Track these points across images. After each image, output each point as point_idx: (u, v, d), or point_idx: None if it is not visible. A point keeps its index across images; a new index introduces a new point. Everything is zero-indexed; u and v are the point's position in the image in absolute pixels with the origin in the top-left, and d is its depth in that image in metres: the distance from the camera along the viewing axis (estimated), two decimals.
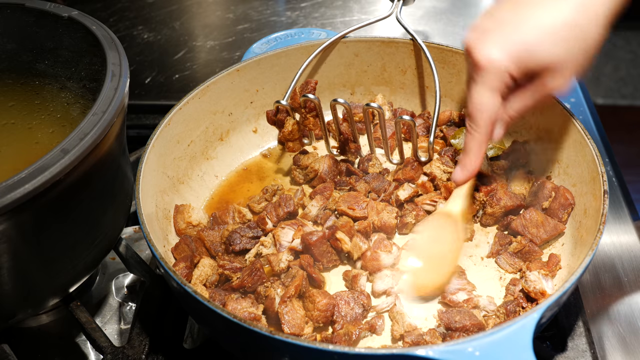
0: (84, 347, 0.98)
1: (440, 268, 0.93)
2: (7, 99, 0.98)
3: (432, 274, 0.94)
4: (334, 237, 0.96)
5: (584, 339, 0.93)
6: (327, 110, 1.15)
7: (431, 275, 0.93)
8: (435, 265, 0.94)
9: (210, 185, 1.14)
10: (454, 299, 0.91)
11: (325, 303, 0.87)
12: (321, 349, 0.70)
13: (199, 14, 1.79)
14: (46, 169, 0.68)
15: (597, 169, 0.92)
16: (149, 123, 1.39)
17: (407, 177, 1.07)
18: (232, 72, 1.15)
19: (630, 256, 1.06)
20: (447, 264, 0.94)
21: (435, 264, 0.94)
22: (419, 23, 1.69)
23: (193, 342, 0.95)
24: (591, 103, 1.38)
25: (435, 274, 0.93)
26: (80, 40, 0.93)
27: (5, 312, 0.81)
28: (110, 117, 0.76)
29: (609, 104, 3.42)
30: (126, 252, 1.04)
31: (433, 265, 0.94)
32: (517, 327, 0.69)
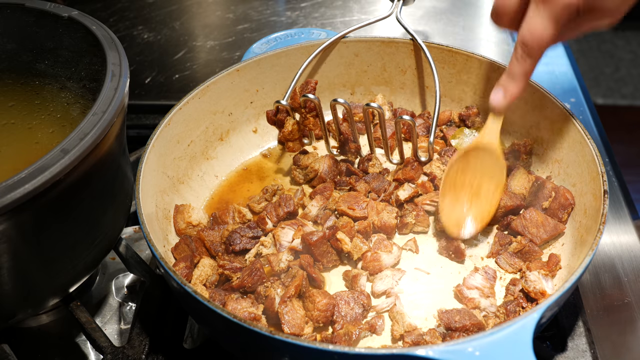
0: (84, 347, 0.98)
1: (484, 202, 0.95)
2: (7, 99, 0.98)
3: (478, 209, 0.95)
4: (334, 238, 0.96)
5: (584, 339, 0.93)
6: (327, 110, 1.15)
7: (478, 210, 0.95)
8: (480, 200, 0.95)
9: (210, 185, 1.14)
10: (466, 293, 0.91)
11: (325, 303, 0.87)
12: (321, 349, 0.70)
13: (199, 14, 1.79)
14: (46, 169, 0.68)
15: (597, 169, 0.92)
16: (149, 123, 1.39)
17: (407, 177, 1.07)
18: (232, 72, 1.15)
19: (630, 256, 1.06)
20: (492, 198, 0.95)
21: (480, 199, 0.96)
22: (419, 23, 1.69)
23: (193, 342, 0.95)
24: (591, 103, 1.38)
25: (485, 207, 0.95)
26: (80, 40, 0.93)
27: (5, 312, 0.81)
28: (110, 117, 0.76)
29: (609, 104, 3.42)
30: (126, 252, 1.04)
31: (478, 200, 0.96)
32: (517, 327, 0.69)
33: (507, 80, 0.88)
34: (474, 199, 0.96)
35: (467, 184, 0.97)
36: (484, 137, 0.96)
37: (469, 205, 0.97)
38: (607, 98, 3.45)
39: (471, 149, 0.97)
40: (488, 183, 0.96)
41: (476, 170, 0.96)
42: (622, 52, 3.77)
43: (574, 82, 1.44)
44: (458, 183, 0.97)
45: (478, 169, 0.96)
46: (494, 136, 0.95)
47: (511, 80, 0.88)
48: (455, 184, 0.97)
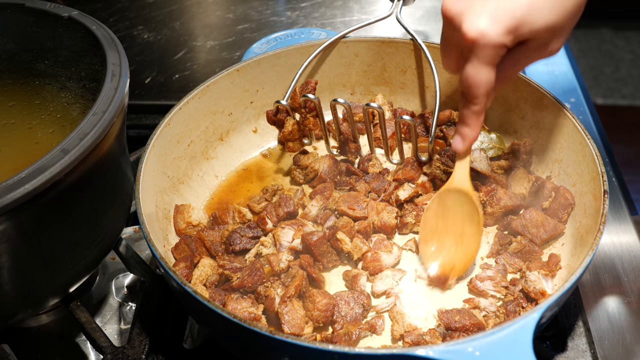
0: (84, 347, 0.98)
1: (466, 247, 0.93)
2: (7, 99, 0.98)
3: (459, 255, 0.94)
4: (335, 238, 0.96)
5: (584, 339, 0.93)
6: (327, 110, 1.15)
7: (459, 257, 0.93)
8: (461, 246, 0.94)
9: (210, 185, 1.14)
10: (479, 285, 0.91)
11: (325, 303, 0.87)
12: (321, 349, 0.70)
13: (199, 14, 1.79)
14: (46, 169, 0.68)
15: (597, 169, 0.92)
16: (149, 123, 1.39)
17: (407, 177, 1.07)
18: (232, 72, 1.15)
19: (630, 256, 1.06)
20: (472, 241, 0.93)
21: (461, 244, 0.94)
22: (419, 23, 1.69)
23: (193, 342, 0.95)
24: (591, 103, 1.38)
25: (463, 254, 0.93)
26: (80, 40, 0.93)
27: (5, 312, 0.81)
28: (110, 117, 0.76)
29: (609, 104, 3.42)
30: (126, 252, 1.04)
31: (459, 246, 0.94)
32: (517, 327, 0.69)
33: (461, 126, 0.89)
34: (456, 244, 0.94)
35: (448, 229, 0.95)
36: (453, 179, 0.94)
37: (452, 251, 0.94)
38: (607, 98, 3.45)
39: (443, 193, 0.95)
40: (468, 225, 0.93)
41: (453, 213, 0.95)
42: (622, 52, 3.76)
43: (574, 82, 1.44)
44: (438, 229, 0.95)
45: (454, 212, 0.94)
46: (464, 177, 0.93)
47: (465, 126, 0.88)
48: (435, 230, 0.96)
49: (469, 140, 0.90)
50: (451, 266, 0.93)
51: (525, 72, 1.39)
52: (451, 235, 0.95)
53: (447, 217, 0.95)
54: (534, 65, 1.46)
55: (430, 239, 0.96)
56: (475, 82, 0.82)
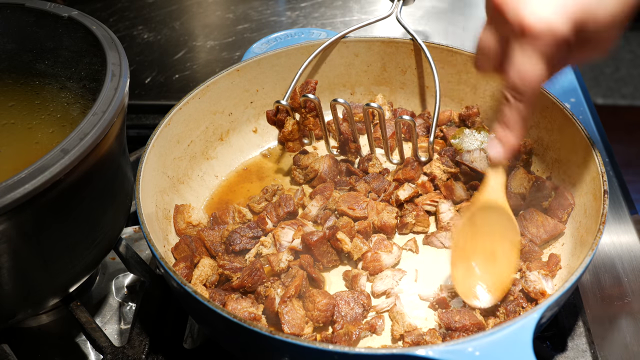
0: (84, 347, 0.98)
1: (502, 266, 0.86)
2: (7, 99, 0.98)
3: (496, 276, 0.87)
4: (335, 238, 0.96)
5: (584, 339, 0.93)
6: (327, 110, 1.15)
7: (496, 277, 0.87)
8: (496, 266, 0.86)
9: (210, 185, 1.14)
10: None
11: (325, 303, 0.87)
12: (321, 349, 0.70)
13: (199, 14, 1.79)
14: (46, 169, 0.68)
15: (597, 169, 0.92)
16: (149, 123, 1.39)
17: (407, 177, 1.07)
18: (232, 72, 1.15)
19: (630, 256, 1.06)
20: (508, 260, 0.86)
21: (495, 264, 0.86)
22: (419, 23, 1.69)
23: (193, 342, 0.95)
24: (591, 103, 1.38)
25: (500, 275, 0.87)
26: (80, 40, 0.93)
27: (5, 312, 0.81)
28: (110, 117, 0.76)
29: (609, 104, 3.42)
30: (126, 252, 1.04)
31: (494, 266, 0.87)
32: (517, 327, 0.69)
33: (502, 131, 0.78)
34: (490, 265, 0.86)
35: (479, 250, 0.86)
36: (488, 195, 0.86)
37: (486, 272, 0.86)
38: (607, 98, 3.45)
39: (476, 211, 0.87)
40: (501, 244, 0.86)
41: (486, 232, 0.86)
42: (622, 52, 3.76)
43: (574, 82, 1.44)
44: (469, 250, 0.87)
45: (488, 231, 0.86)
46: (498, 192, 0.85)
47: (507, 131, 0.78)
48: (466, 251, 0.87)
49: (510, 148, 0.79)
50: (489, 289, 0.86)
51: None
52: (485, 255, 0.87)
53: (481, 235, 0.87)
54: None
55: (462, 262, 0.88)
56: (530, 77, 0.72)
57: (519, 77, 0.73)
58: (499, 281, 0.87)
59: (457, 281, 0.88)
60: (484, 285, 0.87)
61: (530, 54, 0.71)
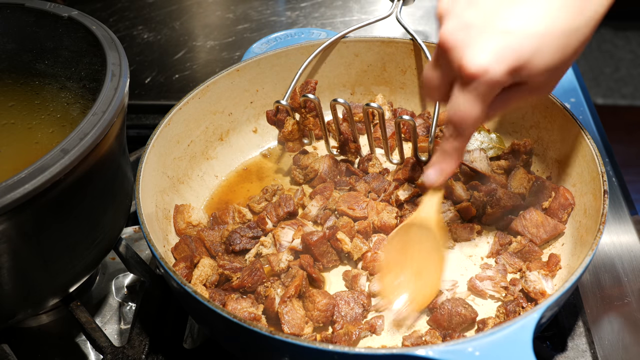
0: (84, 347, 0.98)
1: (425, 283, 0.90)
2: (7, 99, 0.98)
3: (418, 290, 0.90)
4: (335, 238, 0.96)
5: (584, 339, 0.93)
6: (327, 110, 1.15)
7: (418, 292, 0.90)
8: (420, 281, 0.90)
9: (210, 185, 1.14)
10: (478, 285, 0.91)
11: (325, 303, 0.87)
12: (321, 349, 0.70)
13: (199, 14, 1.79)
14: (46, 169, 0.68)
15: (597, 169, 0.92)
16: (149, 123, 1.39)
17: (407, 177, 1.07)
18: (232, 72, 1.15)
19: (630, 256, 1.06)
20: (432, 278, 0.90)
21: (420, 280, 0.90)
22: (419, 23, 1.69)
23: (193, 342, 0.95)
24: (591, 103, 1.38)
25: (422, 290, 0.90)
26: (80, 40, 0.93)
27: (5, 312, 0.81)
28: (110, 117, 0.76)
29: (609, 104, 3.42)
30: (126, 252, 1.04)
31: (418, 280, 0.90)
32: (517, 327, 0.69)
33: (440, 158, 0.84)
34: (414, 279, 0.90)
35: (407, 264, 0.91)
36: (420, 212, 0.90)
37: (410, 287, 0.90)
38: (607, 98, 3.45)
39: (409, 225, 0.91)
40: (429, 260, 0.90)
41: (415, 248, 0.90)
42: (622, 52, 3.76)
43: (574, 82, 1.44)
44: (399, 262, 0.91)
45: (416, 247, 0.90)
46: (431, 211, 0.88)
47: (444, 158, 0.83)
48: (396, 262, 0.91)
49: (446, 175, 0.85)
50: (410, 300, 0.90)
51: None
52: (411, 269, 0.91)
53: (409, 250, 0.91)
54: None
55: (390, 270, 0.92)
56: (466, 117, 0.77)
57: (455, 113, 0.78)
58: (419, 296, 0.90)
59: (383, 287, 0.92)
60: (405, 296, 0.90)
61: (466, 93, 0.76)
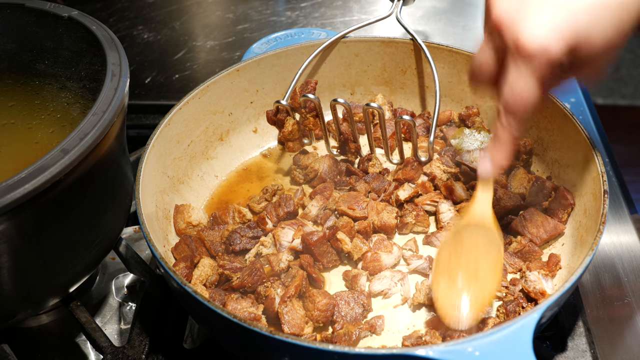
0: (84, 347, 0.98)
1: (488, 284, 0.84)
2: (7, 99, 0.98)
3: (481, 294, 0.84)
4: (335, 238, 0.96)
5: (584, 339, 0.93)
6: (327, 110, 1.15)
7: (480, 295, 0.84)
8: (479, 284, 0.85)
9: (210, 185, 1.14)
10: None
11: (325, 303, 0.87)
12: (321, 349, 0.70)
13: (199, 14, 1.79)
14: (46, 169, 0.68)
15: (597, 169, 0.92)
16: (149, 123, 1.39)
17: (407, 177, 1.07)
18: (232, 72, 1.15)
19: (630, 256, 1.06)
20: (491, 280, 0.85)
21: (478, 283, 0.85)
22: (419, 23, 1.69)
23: (193, 342, 0.95)
24: (591, 103, 1.38)
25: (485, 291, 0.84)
26: (80, 40, 0.93)
27: (5, 312, 0.81)
28: (110, 117, 0.76)
29: (609, 104, 3.42)
30: (126, 252, 1.04)
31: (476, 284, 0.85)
32: (517, 327, 0.69)
33: (494, 147, 0.80)
34: (471, 283, 0.85)
35: (463, 267, 0.86)
36: (475, 212, 0.86)
37: (468, 291, 0.84)
38: (607, 98, 3.45)
39: (462, 227, 0.87)
40: (485, 263, 0.85)
41: (470, 250, 0.86)
42: (622, 52, 3.76)
43: (574, 82, 1.44)
44: (452, 266, 0.86)
45: (472, 248, 0.86)
46: (486, 209, 0.86)
47: (499, 148, 0.80)
48: (450, 267, 0.86)
49: (499, 166, 0.81)
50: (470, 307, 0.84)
51: None
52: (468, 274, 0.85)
53: (465, 254, 0.87)
54: None
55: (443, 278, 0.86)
56: (525, 98, 0.74)
57: (512, 95, 0.75)
58: (479, 301, 0.84)
59: (438, 299, 0.86)
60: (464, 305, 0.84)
61: (524, 73, 0.73)
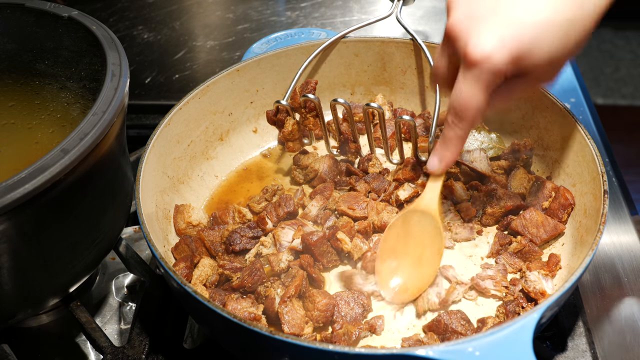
0: (84, 347, 0.98)
1: (423, 271, 0.92)
2: (7, 99, 0.98)
3: (415, 278, 0.92)
4: (335, 238, 0.96)
5: (584, 339, 0.93)
6: (327, 110, 1.15)
7: (415, 279, 0.92)
8: (418, 269, 0.92)
9: (210, 185, 1.14)
10: (480, 284, 0.92)
11: (325, 303, 0.87)
12: (321, 349, 0.70)
13: (199, 14, 1.79)
14: (46, 169, 0.68)
15: (597, 169, 0.92)
16: (149, 123, 1.39)
17: (407, 177, 1.07)
18: (232, 72, 1.15)
19: (630, 256, 1.06)
20: (430, 265, 0.92)
21: (418, 267, 0.92)
22: (419, 23, 1.69)
23: (193, 342, 0.96)
24: (591, 103, 1.38)
25: (418, 278, 0.92)
26: (80, 40, 0.93)
27: (5, 312, 0.81)
28: (110, 117, 0.76)
29: (609, 104, 3.42)
30: (126, 252, 1.04)
31: (415, 268, 0.92)
32: (517, 327, 0.69)
33: (442, 146, 0.86)
34: (413, 267, 0.92)
35: (407, 251, 0.93)
36: (422, 200, 0.93)
37: (408, 273, 0.92)
38: (607, 98, 3.45)
39: (409, 212, 0.94)
40: (428, 249, 0.92)
41: (415, 235, 0.93)
42: (622, 52, 3.77)
43: (574, 82, 1.44)
44: (398, 248, 0.93)
45: (417, 234, 0.93)
46: (433, 199, 0.92)
47: (446, 146, 0.86)
48: (395, 249, 0.93)
49: (446, 163, 0.88)
50: (405, 288, 0.92)
51: None
52: (410, 257, 0.93)
53: (409, 238, 0.94)
54: None
55: (388, 257, 0.93)
56: (469, 103, 0.79)
57: (457, 100, 0.80)
58: (418, 283, 0.92)
59: (380, 276, 0.93)
60: (402, 283, 0.92)
61: (470, 79, 0.77)
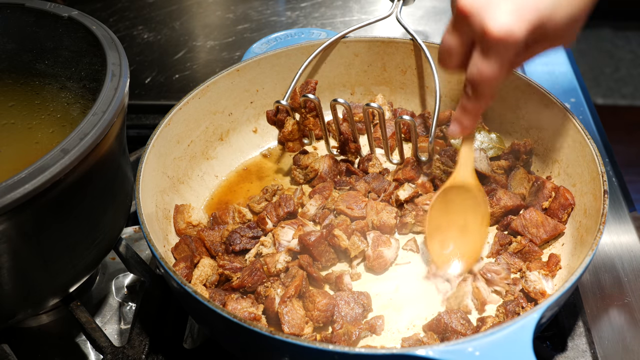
0: (84, 347, 0.98)
1: (473, 239, 0.95)
2: (7, 99, 0.98)
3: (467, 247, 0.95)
4: (331, 235, 0.96)
5: (584, 339, 0.93)
6: (327, 110, 1.15)
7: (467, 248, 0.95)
8: (468, 237, 0.95)
9: (210, 185, 1.14)
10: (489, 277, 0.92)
11: (325, 303, 0.87)
12: (321, 349, 0.70)
13: (199, 14, 1.79)
14: (46, 169, 0.68)
15: (597, 169, 0.92)
16: (149, 123, 1.39)
17: (407, 177, 1.07)
18: (232, 72, 1.15)
19: (630, 256, 1.06)
20: (479, 233, 0.94)
21: (467, 236, 0.95)
22: (419, 23, 1.69)
23: (193, 342, 0.95)
24: (591, 103, 1.38)
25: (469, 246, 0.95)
26: (80, 40, 0.93)
27: (5, 312, 0.81)
28: (110, 117, 0.76)
29: (609, 104, 3.42)
30: (126, 252, 1.04)
31: (463, 238, 0.95)
32: (517, 327, 0.69)
33: (461, 115, 0.87)
34: (462, 237, 0.95)
35: (453, 224, 0.95)
36: (458, 174, 0.94)
37: (459, 244, 0.95)
38: (607, 98, 3.45)
39: (447, 189, 0.95)
40: (473, 218, 0.94)
41: (458, 208, 0.95)
42: (622, 52, 3.76)
43: (574, 82, 1.44)
44: (443, 225, 0.95)
45: (459, 207, 0.95)
46: (467, 172, 0.94)
47: (465, 115, 0.86)
48: (441, 226, 0.95)
49: (466, 129, 0.88)
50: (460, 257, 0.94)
51: (525, 72, 1.40)
52: (457, 229, 0.95)
53: (452, 214, 0.95)
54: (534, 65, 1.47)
55: (436, 235, 0.96)
56: (490, 78, 0.79)
57: (479, 74, 0.80)
58: (471, 251, 0.95)
59: (433, 253, 0.96)
60: (456, 256, 0.95)
61: (490, 57, 0.77)
